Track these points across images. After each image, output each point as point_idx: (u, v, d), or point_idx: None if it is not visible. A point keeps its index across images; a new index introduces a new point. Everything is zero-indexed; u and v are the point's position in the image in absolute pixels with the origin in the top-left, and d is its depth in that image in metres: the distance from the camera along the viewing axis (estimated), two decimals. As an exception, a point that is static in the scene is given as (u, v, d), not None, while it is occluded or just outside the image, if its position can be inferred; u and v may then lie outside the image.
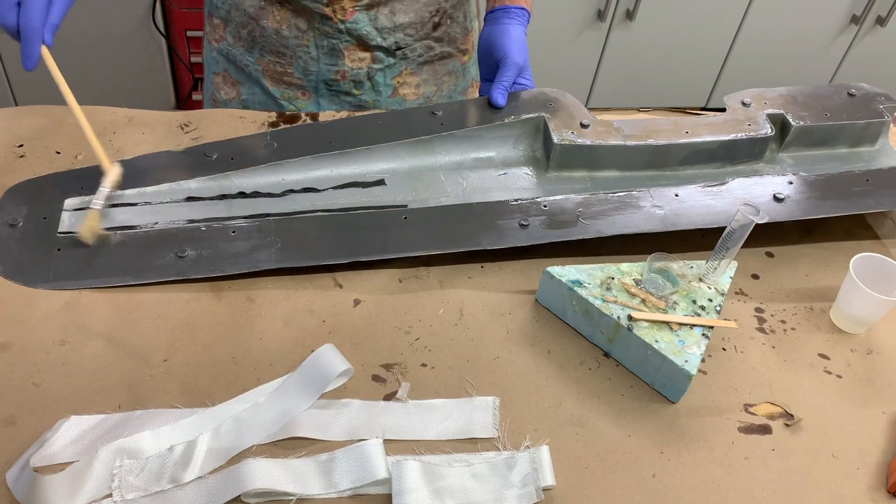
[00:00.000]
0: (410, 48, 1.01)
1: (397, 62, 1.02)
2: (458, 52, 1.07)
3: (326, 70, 1.00)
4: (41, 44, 0.76)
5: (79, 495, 0.59)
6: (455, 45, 1.06)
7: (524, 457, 0.64)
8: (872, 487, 0.68)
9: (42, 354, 0.69)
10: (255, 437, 0.65)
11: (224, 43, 1.03)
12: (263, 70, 1.01)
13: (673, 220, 0.85)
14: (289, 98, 1.03)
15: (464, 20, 1.05)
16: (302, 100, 1.03)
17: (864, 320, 0.80)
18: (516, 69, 0.95)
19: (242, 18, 0.99)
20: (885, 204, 0.89)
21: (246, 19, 0.98)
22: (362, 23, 0.96)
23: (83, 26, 1.88)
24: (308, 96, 1.03)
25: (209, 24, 1.04)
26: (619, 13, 2.12)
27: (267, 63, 1.00)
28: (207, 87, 1.11)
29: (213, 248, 0.78)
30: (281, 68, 1.00)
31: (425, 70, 1.05)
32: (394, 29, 0.98)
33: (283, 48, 0.98)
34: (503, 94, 0.92)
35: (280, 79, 1.02)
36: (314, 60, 0.99)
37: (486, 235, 0.82)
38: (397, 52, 1.00)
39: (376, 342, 0.74)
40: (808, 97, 0.99)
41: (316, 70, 0.99)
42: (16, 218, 0.79)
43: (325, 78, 1.01)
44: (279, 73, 1.01)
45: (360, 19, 0.95)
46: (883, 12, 2.24)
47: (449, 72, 1.07)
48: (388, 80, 1.02)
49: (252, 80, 1.03)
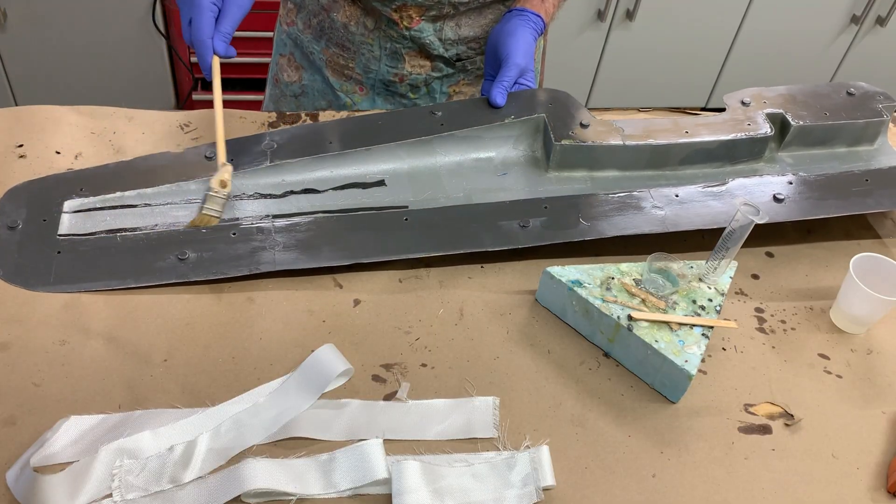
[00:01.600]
0: (471, 61, 1.03)
1: (456, 73, 1.04)
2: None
3: (386, 70, 1.02)
4: (212, 53, 0.80)
5: (79, 495, 0.59)
6: None
7: (524, 457, 0.64)
8: (872, 487, 0.68)
9: (42, 354, 0.69)
10: (255, 437, 0.65)
11: (294, 28, 1.06)
12: (327, 60, 1.04)
13: (673, 220, 0.85)
14: (346, 91, 1.05)
15: None
16: (359, 94, 1.06)
17: (864, 320, 0.80)
18: (518, 70, 0.94)
19: (315, 7, 1.02)
20: (884, 203, 0.89)
21: (318, 9, 1.02)
22: (427, 32, 0.98)
23: (83, 26, 1.88)
24: (365, 92, 1.05)
25: (283, 7, 1.08)
26: (619, 13, 2.12)
27: (331, 54, 1.04)
28: (272, 67, 1.14)
29: (213, 249, 0.78)
30: (343, 61, 1.03)
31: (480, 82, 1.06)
32: (457, 41, 1.00)
33: (348, 42, 1.01)
34: (503, 93, 0.92)
35: (341, 71, 1.05)
36: (376, 59, 1.01)
37: (486, 236, 0.82)
38: (457, 63, 1.03)
39: (376, 342, 0.74)
40: (808, 96, 0.99)
41: (376, 69, 1.02)
42: (15, 220, 0.79)
43: (384, 78, 1.03)
44: (341, 66, 1.04)
45: (425, 28, 0.97)
46: (883, 12, 2.24)
47: None
48: (445, 87, 1.05)
49: (315, 67, 1.07)
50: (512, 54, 0.94)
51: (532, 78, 0.98)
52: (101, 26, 1.90)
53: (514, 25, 0.97)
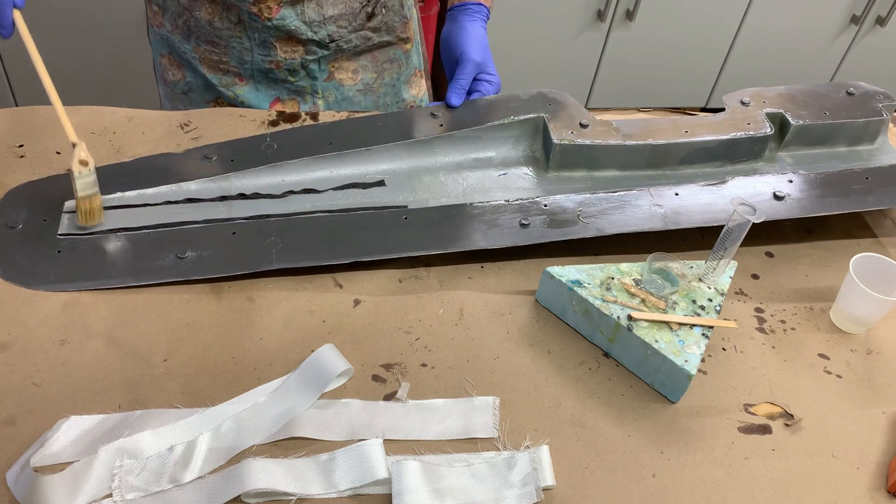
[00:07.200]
0: (345, 40, 1.00)
1: (332, 53, 1.01)
2: (398, 41, 1.06)
3: (260, 60, 1.00)
4: (12, 7, 0.73)
5: (79, 495, 0.59)
6: (394, 33, 1.05)
7: (524, 457, 0.64)
8: (872, 487, 0.68)
9: (42, 354, 0.69)
10: (256, 437, 0.65)
11: (164, 29, 1.03)
12: (200, 58, 1.01)
13: (673, 218, 0.85)
14: (226, 84, 1.03)
15: (400, 8, 1.04)
16: (240, 85, 1.03)
17: (864, 320, 0.80)
18: (473, 67, 0.95)
19: (177, 8, 0.99)
20: (884, 202, 0.89)
21: (180, 9, 0.99)
22: (290, 18, 0.95)
23: (83, 26, 1.88)
24: (245, 82, 1.02)
25: (149, 10, 1.04)
26: (619, 13, 2.12)
27: (203, 51, 1.01)
28: (157, 70, 1.11)
29: (213, 249, 0.78)
30: (216, 57, 1.00)
31: (363, 57, 1.04)
32: (323, 22, 0.97)
33: (217, 38, 0.98)
34: (459, 94, 0.93)
35: (217, 66, 1.02)
36: (247, 51, 0.99)
37: (486, 235, 0.82)
38: (331, 44, 1.00)
39: (376, 342, 0.74)
40: (807, 96, 0.99)
41: (250, 59, 0.99)
42: (16, 220, 0.79)
43: (260, 67, 1.01)
44: (215, 62, 1.01)
45: (286, 15, 0.95)
46: (883, 12, 2.24)
47: (390, 59, 1.07)
48: (324, 66, 1.02)
49: (191, 66, 1.03)
50: (465, 52, 0.95)
51: (493, 71, 0.98)
52: (101, 26, 1.90)
53: (462, 22, 0.97)
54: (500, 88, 0.98)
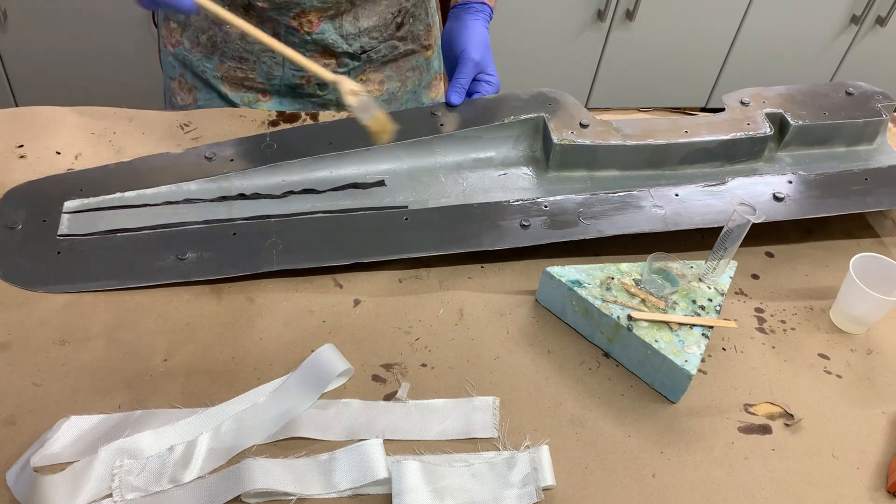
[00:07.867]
0: (375, 50, 1.01)
1: (362, 64, 1.02)
2: (421, 49, 1.07)
3: (291, 75, 1.00)
4: None
5: (79, 495, 0.59)
6: (418, 41, 1.06)
7: (524, 457, 0.64)
8: (872, 487, 0.68)
9: (42, 354, 0.69)
10: (256, 437, 0.65)
11: (181, 48, 1.02)
12: (222, 76, 1.01)
13: (674, 219, 0.85)
14: (247, 102, 1.02)
15: (425, 17, 1.05)
16: (263, 101, 1.03)
17: (864, 320, 0.80)
18: (473, 66, 0.95)
19: (203, 24, 0.98)
20: (884, 202, 0.89)
21: (207, 24, 0.97)
22: (328, 32, 0.96)
23: (83, 26, 1.88)
24: (269, 98, 1.02)
25: (165, 28, 1.03)
26: (619, 13, 2.12)
27: (227, 69, 1.00)
28: (166, 94, 1.10)
29: (213, 250, 0.78)
30: (242, 73, 1.00)
31: (388, 67, 1.05)
32: (358, 34, 0.98)
33: (247, 53, 0.98)
34: (459, 92, 0.93)
35: (240, 84, 1.01)
36: (279, 65, 0.99)
37: (486, 236, 0.82)
38: (362, 55, 1.01)
39: (376, 342, 0.74)
40: (807, 96, 0.99)
41: (280, 74, 1.00)
42: (15, 220, 0.79)
43: (290, 82, 1.01)
44: (240, 79, 1.01)
45: (325, 29, 0.95)
46: (883, 12, 2.24)
47: (412, 67, 1.08)
48: (353, 78, 1.02)
49: (209, 86, 1.02)
50: (465, 50, 0.95)
51: (493, 71, 0.98)
52: (101, 26, 1.90)
53: (464, 20, 0.97)
54: (500, 89, 0.98)
